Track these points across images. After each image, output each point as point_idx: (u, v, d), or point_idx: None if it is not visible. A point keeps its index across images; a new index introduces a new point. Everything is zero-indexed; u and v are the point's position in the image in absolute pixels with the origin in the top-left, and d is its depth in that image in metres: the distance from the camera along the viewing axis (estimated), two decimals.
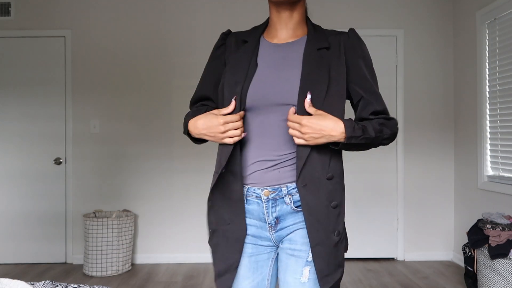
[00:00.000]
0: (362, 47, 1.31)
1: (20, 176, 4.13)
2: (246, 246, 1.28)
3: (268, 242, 1.30)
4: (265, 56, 1.28)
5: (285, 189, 1.24)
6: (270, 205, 1.25)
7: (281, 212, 1.25)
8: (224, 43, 1.35)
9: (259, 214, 1.27)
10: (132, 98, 4.17)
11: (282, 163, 1.24)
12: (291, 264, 1.26)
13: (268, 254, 1.30)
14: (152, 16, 4.19)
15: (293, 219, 1.26)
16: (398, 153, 4.21)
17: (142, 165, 4.16)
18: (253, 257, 1.28)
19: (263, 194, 1.25)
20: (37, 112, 4.15)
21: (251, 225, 1.28)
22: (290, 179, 1.24)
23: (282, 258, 1.29)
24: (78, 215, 4.12)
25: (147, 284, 3.53)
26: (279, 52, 1.28)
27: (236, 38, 1.34)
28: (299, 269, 1.24)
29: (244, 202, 1.26)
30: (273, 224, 1.26)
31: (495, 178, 3.54)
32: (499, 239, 2.88)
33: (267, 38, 1.32)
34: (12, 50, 4.16)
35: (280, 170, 1.25)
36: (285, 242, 1.28)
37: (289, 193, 1.24)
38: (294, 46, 1.28)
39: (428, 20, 4.23)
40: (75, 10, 4.18)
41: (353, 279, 3.63)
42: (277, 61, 1.26)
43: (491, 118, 3.64)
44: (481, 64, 3.72)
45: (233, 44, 1.33)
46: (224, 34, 1.36)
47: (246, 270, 1.28)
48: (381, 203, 4.20)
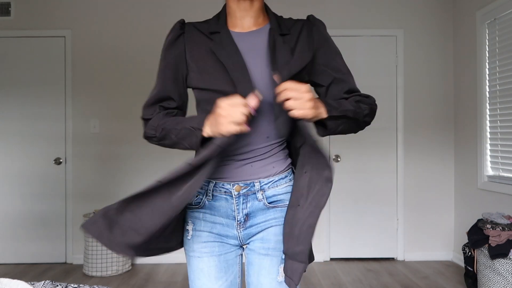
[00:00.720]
0: (325, 30, 1.26)
1: (20, 176, 4.13)
2: (213, 244, 1.23)
3: (235, 240, 1.24)
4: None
5: (258, 184, 1.20)
6: (240, 201, 1.20)
7: (252, 209, 1.21)
8: (183, 32, 1.22)
9: (226, 211, 1.21)
10: (132, 97, 4.17)
11: (255, 157, 1.20)
12: (265, 265, 1.22)
13: (235, 252, 1.26)
14: (152, 15, 4.19)
15: (263, 216, 1.22)
16: (398, 153, 4.21)
17: (142, 164, 4.16)
18: (222, 256, 1.23)
19: (234, 189, 1.20)
20: (37, 112, 4.15)
21: (215, 223, 1.22)
22: (262, 174, 1.21)
23: (253, 260, 1.24)
24: (78, 215, 4.12)
25: (147, 284, 3.53)
26: (245, 41, 1.20)
27: (198, 29, 1.22)
28: (275, 268, 1.22)
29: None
30: (242, 222, 1.22)
31: (495, 178, 3.54)
32: (499, 239, 2.88)
33: (229, 27, 1.23)
34: (12, 50, 4.16)
35: (252, 165, 1.20)
36: (255, 242, 1.24)
37: (261, 188, 1.21)
38: (259, 34, 1.22)
39: (428, 20, 4.23)
40: (75, 10, 4.18)
41: (353, 279, 3.62)
42: (244, 52, 1.18)
43: (491, 118, 3.64)
44: (481, 64, 3.72)
45: (199, 34, 1.21)
46: (180, 23, 1.23)
47: (218, 271, 1.23)
48: (381, 203, 4.20)
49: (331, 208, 4.19)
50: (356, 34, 4.19)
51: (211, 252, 1.23)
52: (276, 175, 1.23)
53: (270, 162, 1.22)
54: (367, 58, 4.19)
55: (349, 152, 4.21)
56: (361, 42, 4.19)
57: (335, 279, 3.64)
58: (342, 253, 4.20)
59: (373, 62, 4.19)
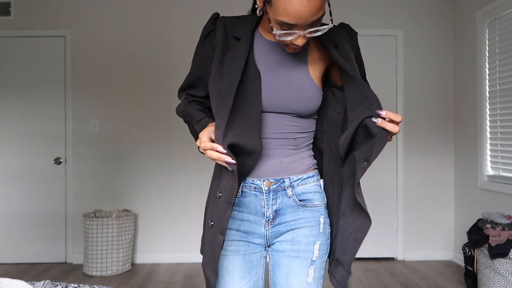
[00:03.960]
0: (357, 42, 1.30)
1: (20, 176, 4.14)
2: (238, 243, 1.23)
3: (261, 239, 1.25)
4: (263, 56, 1.20)
5: (288, 180, 1.22)
6: (270, 197, 1.22)
7: (282, 205, 1.22)
8: (214, 28, 1.23)
9: (256, 207, 1.22)
10: (132, 97, 4.17)
11: (283, 154, 1.23)
12: (295, 266, 1.23)
13: (260, 253, 1.27)
14: (152, 15, 4.19)
15: (293, 214, 1.23)
16: (398, 152, 4.21)
17: (142, 164, 4.17)
18: (247, 255, 1.24)
19: (265, 184, 1.21)
20: (37, 112, 4.15)
21: (243, 220, 1.23)
22: (292, 171, 1.23)
23: (281, 262, 1.24)
24: (78, 214, 4.12)
25: (147, 284, 3.53)
26: (279, 52, 1.20)
27: (225, 28, 1.21)
28: (305, 270, 1.23)
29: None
30: (271, 218, 1.23)
31: (495, 178, 3.54)
32: (499, 238, 2.88)
33: (262, 33, 1.23)
34: (12, 50, 4.16)
35: (281, 161, 1.22)
36: (283, 243, 1.24)
37: (291, 185, 1.22)
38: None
39: (428, 20, 4.23)
40: (75, 10, 4.18)
41: (353, 279, 3.63)
42: (278, 63, 1.19)
43: (491, 118, 3.64)
44: (481, 64, 3.72)
45: (223, 35, 1.20)
46: (213, 19, 1.24)
47: (242, 270, 1.23)
48: (381, 203, 4.20)
49: None
50: None
51: (236, 251, 1.23)
52: (305, 173, 1.25)
53: (297, 159, 1.25)
54: (367, 58, 4.15)
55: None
56: (361, 42, 4.14)
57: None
58: None
59: (373, 62, 4.19)
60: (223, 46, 1.18)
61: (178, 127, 4.14)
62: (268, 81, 1.17)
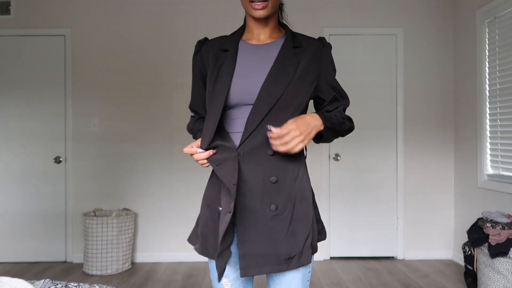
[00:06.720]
0: (331, 52, 1.41)
1: (20, 175, 4.13)
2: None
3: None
4: (244, 55, 1.35)
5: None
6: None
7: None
8: (200, 50, 1.41)
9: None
10: (132, 96, 4.17)
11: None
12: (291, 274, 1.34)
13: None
14: (152, 15, 4.19)
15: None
16: (398, 151, 4.21)
17: (142, 163, 4.16)
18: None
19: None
20: (37, 111, 4.15)
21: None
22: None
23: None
24: (78, 213, 4.12)
25: (147, 283, 3.53)
26: (259, 52, 1.35)
27: (213, 47, 1.38)
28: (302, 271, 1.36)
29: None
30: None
31: (495, 177, 3.54)
32: (499, 237, 2.88)
33: (246, 39, 1.40)
34: (12, 49, 4.15)
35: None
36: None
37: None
38: (272, 45, 1.36)
39: (428, 19, 4.23)
40: (74, 9, 4.17)
41: (353, 278, 3.63)
42: (255, 61, 1.34)
43: (491, 117, 3.64)
44: (481, 63, 3.72)
45: (212, 52, 1.37)
46: (200, 41, 1.43)
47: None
48: (381, 202, 4.20)
49: (331, 207, 4.19)
50: (356, 33, 4.19)
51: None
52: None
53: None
54: (367, 57, 4.19)
55: (349, 151, 4.21)
56: (361, 41, 4.19)
57: (335, 278, 3.65)
58: (342, 252, 4.20)
59: (373, 61, 4.19)
60: (214, 62, 1.34)
61: (178, 127, 4.14)
62: (240, 74, 1.32)
